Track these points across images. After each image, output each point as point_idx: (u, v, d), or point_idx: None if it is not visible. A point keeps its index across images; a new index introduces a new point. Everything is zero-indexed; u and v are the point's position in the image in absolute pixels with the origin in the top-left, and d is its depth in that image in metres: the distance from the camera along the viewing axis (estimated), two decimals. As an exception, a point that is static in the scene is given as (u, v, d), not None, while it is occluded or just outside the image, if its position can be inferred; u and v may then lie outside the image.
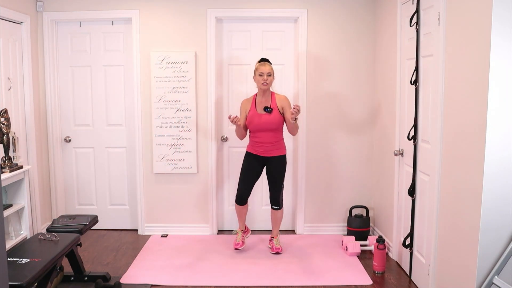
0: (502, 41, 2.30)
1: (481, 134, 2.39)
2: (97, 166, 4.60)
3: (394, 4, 3.77)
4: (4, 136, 3.56)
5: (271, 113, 3.79)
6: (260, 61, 3.87)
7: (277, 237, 4.04)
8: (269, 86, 3.81)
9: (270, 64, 3.84)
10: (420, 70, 3.27)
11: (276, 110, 3.80)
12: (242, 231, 4.11)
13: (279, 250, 3.94)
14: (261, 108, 3.82)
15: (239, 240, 4.04)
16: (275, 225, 4.05)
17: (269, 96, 3.85)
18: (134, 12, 4.32)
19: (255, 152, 3.88)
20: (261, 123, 3.79)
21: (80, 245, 3.33)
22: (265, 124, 3.79)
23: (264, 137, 3.82)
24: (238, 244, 4.02)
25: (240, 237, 4.06)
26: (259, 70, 3.79)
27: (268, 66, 3.79)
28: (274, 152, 3.86)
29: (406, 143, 3.52)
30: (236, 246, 4.01)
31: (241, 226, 4.11)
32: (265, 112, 3.79)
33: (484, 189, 2.39)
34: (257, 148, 3.86)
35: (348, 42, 4.36)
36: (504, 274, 2.36)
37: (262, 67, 3.78)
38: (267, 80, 3.77)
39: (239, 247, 4.01)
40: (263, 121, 3.79)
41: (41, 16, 4.33)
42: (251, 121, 3.82)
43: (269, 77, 3.77)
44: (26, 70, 4.11)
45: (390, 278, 3.52)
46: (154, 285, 3.39)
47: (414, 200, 3.40)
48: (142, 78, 4.38)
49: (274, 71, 3.88)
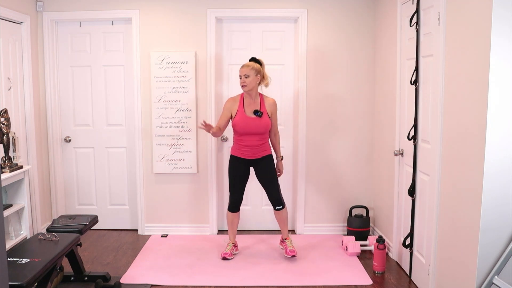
0: (502, 41, 2.30)
1: (481, 134, 2.39)
2: (97, 166, 4.60)
3: (394, 4, 3.77)
4: (4, 136, 3.56)
5: (261, 117, 3.69)
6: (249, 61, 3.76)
7: (289, 238, 3.90)
8: (249, 88, 3.65)
9: (255, 63, 3.69)
10: (420, 70, 3.27)
11: (266, 114, 3.70)
12: (233, 244, 3.92)
13: (294, 253, 3.77)
14: (250, 110, 3.69)
15: (228, 251, 3.84)
16: (283, 225, 3.90)
17: (257, 99, 3.73)
18: (134, 12, 4.32)
19: (241, 155, 3.76)
20: (251, 127, 3.68)
21: (80, 245, 3.33)
22: (254, 128, 3.68)
23: (251, 141, 3.71)
24: (227, 253, 3.81)
25: (229, 249, 3.87)
26: (239, 71, 3.70)
27: (245, 68, 3.64)
28: (261, 153, 3.77)
29: (406, 143, 3.52)
30: (224, 255, 3.80)
31: (232, 239, 3.93)
32: (255, 116, 3.69)
33: (484, 189, 2.39)
34: (244, 152, 3.74)
35: (348, 42, 4.36)
36: (504, 274, 2.36)
37: (241, 68, 3.67)
38: (244, 82, 3.63)
39: (228, 257, 3.80)
40: (252, 125, 3.67)
41: (41, 16, 4.33)
42: (239, 124, 3.68)
43: (246, 78, 3.62)
44: (26, 70, 4.11)
45: (390, 278, 3.52)
46: (154, 285, 3.39)
47: (414, 200, 3.40)
48: (142, 78, 4.38)
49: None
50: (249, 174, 3.86)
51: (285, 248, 3.86)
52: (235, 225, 3.93)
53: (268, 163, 3.80)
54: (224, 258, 3.81)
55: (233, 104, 3.75)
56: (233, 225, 3.92)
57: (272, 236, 4.41)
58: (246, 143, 3.73)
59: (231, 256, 3.85)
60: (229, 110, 3.75)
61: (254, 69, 3.67)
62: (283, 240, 3.94)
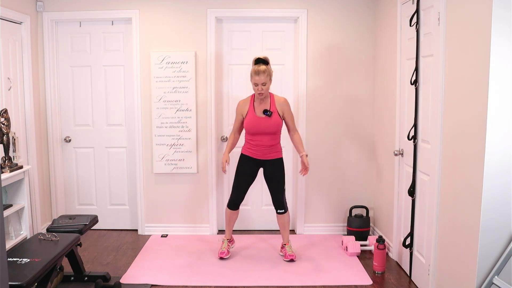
0: (502, 41, 2.30)
1: (481, 134, 2.39)
2: (97, 166, 4.60)
3: (394, 4, 3.77)
4: (4, 136, 3.56)
5: (271, 116, 3.67)
6: (256, 63, 3.66)
7: (289, 244, 3.88)
8: (266, 94, 3.66)
9: (267, 65, 3.64)
10: (420, 70, 3.27)
11: (276, 114, 3.69)
12: (228, 240, 3.93)
13: (293, 257, 3.76)
14: (260, 111, 3.69)
15: (224, 249, 3.84)
16: (284, 230, 3.88)
17: (268, 98, 3.72)
18: (134, 12, 4.32)
19: (251, 155, 3.76)
20: (260, 127, 3.67)
21: (80, 245, 3.33)
22: (264, 128, 3.67)
23: (262, 140, 3.70)
24: (223, 253, 3.82)
25: (225, 246, 3.87)
26: (253, 79, 3.60)
27: (262, 75, 3.57)
28: (272, 155, 3.76)
29: (406, 143, 3.52)
30: (221, 255, 3.81)
31: (228, 235, 3.93)
32: (265, 116, 3.68)
33: (484, 189, 2.39)
34: (254, 151, 3.75)
35: (348, 42, 4.36)
36: (504, 274, 2.36)
37: (257, 77, 3.58)
38: (262, 89, 3.60)
39: (225, 256, 3.81)
40: (262, 125, 3.67)
41: (41, 16, 4.33)
42: (249, 124, 3.69)
43: (264, 86, 3.59)
44: (26, 70, 4.11)
45: (390, 278, 3.52)
46: (154, 285, 3.39)
47: (414, 200, 3.40)
48: (142, 78, 4.38)
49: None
50: (256, 175, 3.84)
51: (285, 253, 3.85)
52: (232, 222, 3.92)
53: (277, 166, 3.79)
54: (221, 258, 3.81)
55: (244, 106, 3.75)
56: (231, 222, 3.92)
57: (272, 236, 4.41)
58: (256, 142, 3.72)
59: (228, 254, 3.85)
60: (241, 113, 3.75)
61: (269, 74, 3.63)
62: (283, 246, 3.91)
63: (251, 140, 3.76)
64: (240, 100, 3.84)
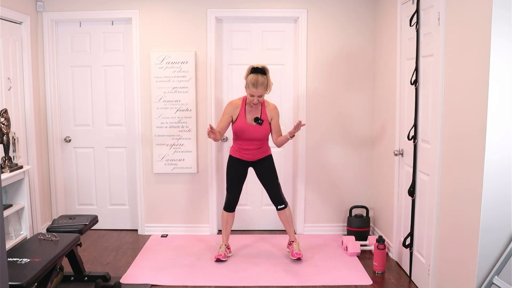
0: (502, 41, 2.30)
1: (481, 134, 2.39)
2: (97, 166, 4.60)
3: (394, 4, 3.77)
4: (4, 136, 3.56)
5: (262, 125, 3.66)
6: (252, 72, 3.53)
7: (296, 241, 3.85)
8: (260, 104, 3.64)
9: (265, 75, 3.53)
10: (420, 70, 3.27)
11: (267, 122, 3.68)
12: (226, 246, 3.85)
13: (300, 256, 3.73)
14: (251, 117, 3.65)
15: (222, 252, 3.79)
16: (288, 226, 3.85)
17: (259, 105, 3.66)
18: (134, 12, 4.32)
19: (240, 157, 3.76)
20: (250, 134, 3.66)
21: (80, 245, 3.33)
22: (254, 135, 3.67)
23: (250, 145, 3.71)
24: (221, 255, 3.76)
25: (223, 250, 3.81)
26: (250, 90, 3.52)
27: (260, 88, 3.49)
28: (260, 155, 3.77)
29: (406, 143, 3.52)
30: (218, 257, 3.75)
31: (225, 241, 3.87)
32: (256, 124, 3.66)
33: (484, 189, 2.39)
34: (244, 154, 3.74)
35: (348, 42, 4.36)
36: (504, 274, 2.36)
37: (254, 89, 3.50)
38: (258, 101, 3.56)
39: (222, 258, 3.75)
40: (252, 133, 3.66)
41: (41, 16, 4.33)
42: (238, 130, 3.67)
43: (260, 98, 3.56)
44: (26, 70, 4.11)
45: (390, 278, 3.52)
46: (154, 285, 3.39)
47: (414, 200, 3.40)
48: (142, 78, 4.38)
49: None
50: (246, 175, 3.86)
51: (292, 250, 3.82)
52: (229, 225, 3.90)
53: (267, 163, 3.80)
54: (218, 260, 3.77)
55: (234, 109, 3.69)
56: (228, 225, 3.89)
57: (272, 236, 4.41)
58: (245, 146, 3.73)
59: (224, 258, 3.80)
60: (230, 114, 3.70)
61: (266, 86, 3.56)
62: (290, 243, 3.90)
63: (240, 144, 3.75)
64: (232, 100, 3.79)
